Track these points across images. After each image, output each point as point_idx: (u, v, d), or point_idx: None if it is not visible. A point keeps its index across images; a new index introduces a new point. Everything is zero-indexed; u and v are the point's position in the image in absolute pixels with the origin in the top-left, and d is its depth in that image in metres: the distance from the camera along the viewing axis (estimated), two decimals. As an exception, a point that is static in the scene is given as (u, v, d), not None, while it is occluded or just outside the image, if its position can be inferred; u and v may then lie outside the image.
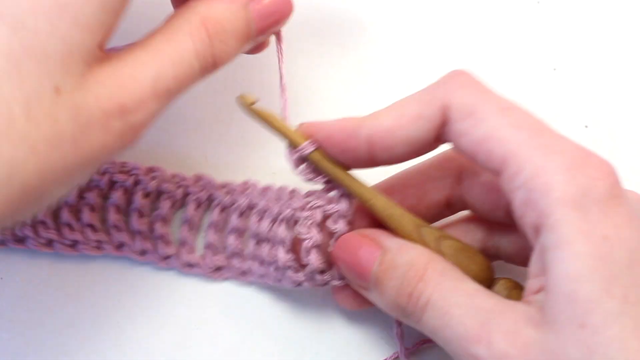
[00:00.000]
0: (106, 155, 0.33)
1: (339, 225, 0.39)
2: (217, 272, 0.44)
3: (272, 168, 0.47)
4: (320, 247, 0.39)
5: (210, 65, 0.36)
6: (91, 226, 0.44)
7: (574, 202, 0.32)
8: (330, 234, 0.39)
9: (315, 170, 0.39)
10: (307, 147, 0.38)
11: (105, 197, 0.45)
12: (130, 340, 0.44)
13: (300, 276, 0.40)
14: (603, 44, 0.51)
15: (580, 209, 0.32)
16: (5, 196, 0.30)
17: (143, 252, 0.45)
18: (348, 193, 0.39)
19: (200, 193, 0.45)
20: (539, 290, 0.33)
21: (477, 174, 0.39)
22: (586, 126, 0.49)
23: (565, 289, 0.31)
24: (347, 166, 0.39)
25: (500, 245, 0.41)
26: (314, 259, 0.39)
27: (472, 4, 0.52)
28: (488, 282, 0.38)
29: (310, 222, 0.39)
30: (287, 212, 0.40)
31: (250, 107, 0.39)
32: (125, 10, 0.34)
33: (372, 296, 0.38)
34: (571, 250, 0.31)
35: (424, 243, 0.38)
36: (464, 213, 0.42)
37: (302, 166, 0.39)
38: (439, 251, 0.38)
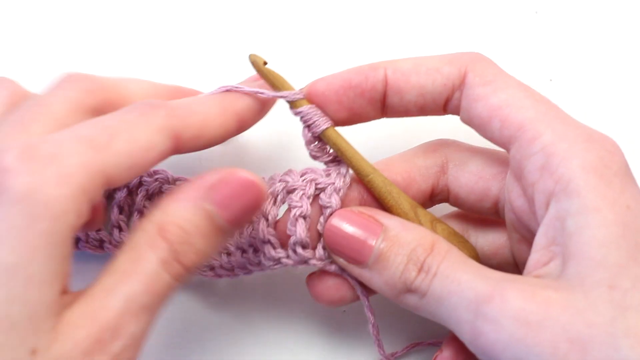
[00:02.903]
0: None
1: (333, 200, 0.38)
2: (210, 271, 0.44)
3: (270, 170, 0.47)
4: (307, 221, 0.38)
5: (182, 271, 0.34)
6: (94, 224, 0.45)
7: (596, 170, 0.33)
8: (320, 212, 0.39)
9: (322, 149, 0.39)
10: (321, 124, 0.38)
11: (109, 196, 0.45)
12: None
13: (279, 252, 0.39)
14: (599, 55, 0.51)
15: (602, 177, 0.32)
16: None
17: None
18: (345, 173, 0.39)
19: None
20: (550, 260, 0.33)
21: (464, 163, 0.40)
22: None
23: (593, 254, 0.31)
24: (359, 116, 0.39)
25: (477, 242, 0.41)
26: (300, 230, 0.38)
27: (470, 13, 0.52)
28: None
29: (302, 193, 0.39)
30: (278, 185, 0.39)
31: (262, 68, 0.38)
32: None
33: (368, 275, 0.37)
34: (599, 217, 0.32)
35: (419, 223, 0.38)
36: (442, 211, 0.42)
37: (315, 143, 0.39)
38: (435, 233, 0.38)
